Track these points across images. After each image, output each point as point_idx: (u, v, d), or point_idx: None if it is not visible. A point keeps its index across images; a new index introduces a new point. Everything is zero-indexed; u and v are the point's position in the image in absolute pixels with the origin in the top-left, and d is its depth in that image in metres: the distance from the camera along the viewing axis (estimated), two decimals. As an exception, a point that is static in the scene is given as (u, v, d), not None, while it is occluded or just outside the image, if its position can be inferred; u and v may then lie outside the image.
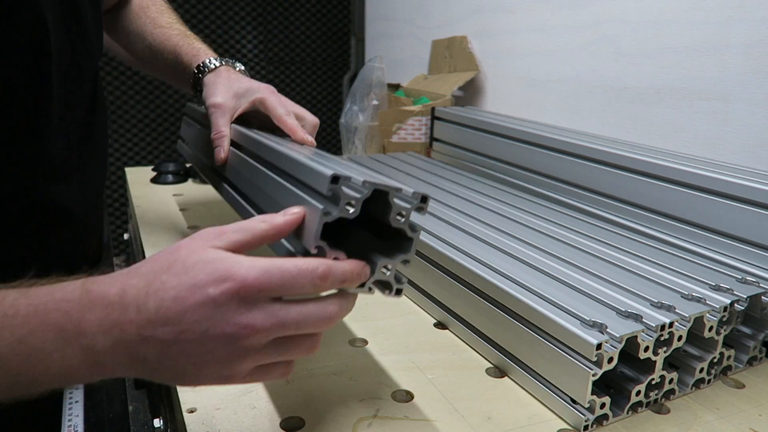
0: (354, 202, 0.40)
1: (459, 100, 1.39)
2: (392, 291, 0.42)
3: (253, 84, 0.68)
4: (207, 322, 0.35)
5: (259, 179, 0.55)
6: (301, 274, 0.36)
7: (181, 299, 0.35)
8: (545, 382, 0.50)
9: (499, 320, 0.55)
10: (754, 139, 0.78)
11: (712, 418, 0.50)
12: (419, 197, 0.42)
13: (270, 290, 0.36)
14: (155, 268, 0.37)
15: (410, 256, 0.42)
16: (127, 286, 0.36)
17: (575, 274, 0.58)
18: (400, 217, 0.41)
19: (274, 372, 0.39)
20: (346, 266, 0.38)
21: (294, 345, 0.38)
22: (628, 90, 0.97)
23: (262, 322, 0.36)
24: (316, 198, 0.42)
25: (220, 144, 0.64)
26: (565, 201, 0.88)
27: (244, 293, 0.35)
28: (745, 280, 0.58)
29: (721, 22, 0.81)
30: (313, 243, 0.39)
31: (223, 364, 0.36)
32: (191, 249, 0.37)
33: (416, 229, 0.42)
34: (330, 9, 2.27)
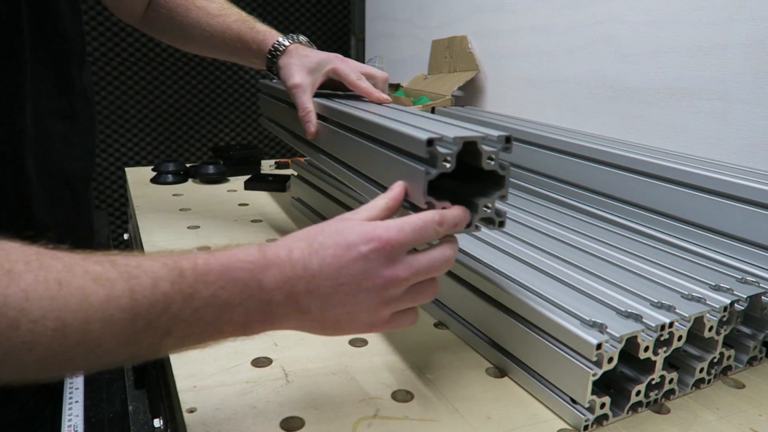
0: (450, 158, 0.46)
1: (459, 100, 1.39)
2: (495, 224, 0.49)
3: (322, 55, 0.73)
4: (360, 275, 0.42)
5: (354, 148, 0.62)
6: (426, 225, 0.44)
7: (338, 256, 0.42)
8: (545, 382, 0.50)
9: (499, 320, 0.55)
10: (754, 139, 0.78)
11: (712, 418, 0.50)
12: (503, 139, 0.48)
13: (407, 243, 0.43)
14: (312, 233, 0.43)
15: (505, 191, 0.48)
16: (293, 248, 0.42)
17: (575, 274, 0.58)
18: (490, 161, 0.47)
19: (405, 319, 0.46)
20: (454, 211, 0.46)
21: (422, 290, 0.46)
22: (628, 90, 0.97)
23: (403, 272, 0.43)
24: (416, 161, 0.48)
25: (309, 119, 0.70)
26: (565, 201, 0.88)
27: (389, 249, 0.42)
28: (745, 280, 0.58)
29: (721, 22, 0.81)
30: (423, 199, 0.47)
31: (371, 312, 0.43)
32: (337, 220, 0.44)
33: (505, 167, 0.48)
34: (330, 9, 2.27)
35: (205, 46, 0.83)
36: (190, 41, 0.84)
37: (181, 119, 2.12)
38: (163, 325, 0.38)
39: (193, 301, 0.39)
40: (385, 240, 0.42)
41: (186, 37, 0.84)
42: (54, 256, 0.36)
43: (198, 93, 2.14)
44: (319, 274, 0.42)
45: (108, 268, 0.37)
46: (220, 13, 0.81)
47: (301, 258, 0.42)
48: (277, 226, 0.94)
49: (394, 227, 0.43)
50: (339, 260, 0.42)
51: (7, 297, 0.33)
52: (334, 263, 0.42)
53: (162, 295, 0.37)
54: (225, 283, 0.40)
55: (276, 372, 0.53)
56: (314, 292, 0.42)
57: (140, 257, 0.39)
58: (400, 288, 0.43)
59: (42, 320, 0.34)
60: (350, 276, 0.42)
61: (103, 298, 0.36)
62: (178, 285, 0.38)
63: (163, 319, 0.38)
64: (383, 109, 0.64)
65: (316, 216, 0.94)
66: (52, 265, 0.36)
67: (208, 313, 0.39)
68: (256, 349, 0.57)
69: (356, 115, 0.61)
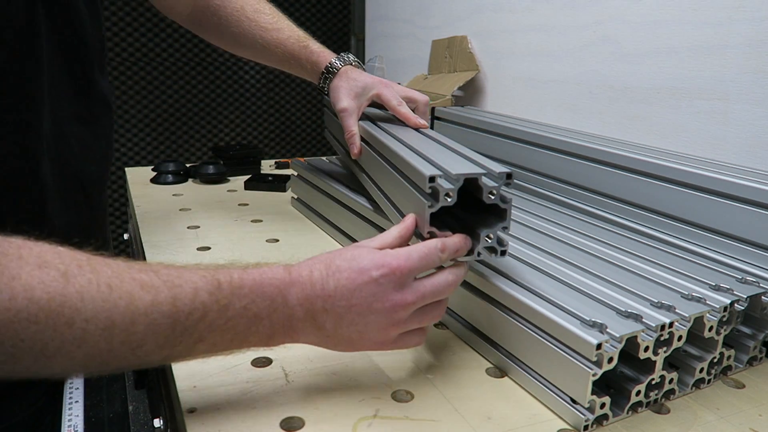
0: (451, 193, 0.50)
1: (459, 100, 1.39)
2: (497, 253, 0.52)
3: (368, 80, 0.79)
4: (371, 298, 0.46)
5: (382, 172, 0.68)
6: (430, 252, 0.48)
7: (352, 279, 0.46)
8: (545, 382, 0.50)
9: (499, 320, 0.55)
10: (754, 139, 0.78)
11: (712, 418, 0.49)
12: (504, 175, 0.52)
13: (414, 270, 0.47)
14: (330, 256, 0.48)
15: (507, 223, 0.52)
16: (313, 269, 0.46)
17: (575, 274, 0.58)
18: (491, 195, 0.51)
19: (413, 339, 0.50)
20: (455, 239, 0.50)
21: (429, 312, 0.49)
22: (628, 90, 0.97)
23: (410, 296, 0.47)
24: (421, 193, 0.53)
25: (353, 142, 0.76)
26: (565, 201, 0.88)
27: (398, 275, 0.46)
28: (745, 280, 0.58)
29: (721, 22, 0.81)
30: (426, 229, 0.51)
31: (380, 332, 0.47)
32: (354, 247, 0.49)
33: (507, 201, 0.52)
34: (330, 9, 2.27)
35: (257, 56, 0.88)
36: (240, 49, 0.88)
37: (181, 119, 2.12)
38: (198, 332, 0.42)
39: (227, 311, 0.42)
40: (394, 267, 0.46)
41: (237, 45, 0.88)
42: (104, 262, 0.40)
43: (198, 93, 2.14)
44: (335, 294, 0.46)
45: (152, 277, 0.41)
46: (273, 27, 0.84)
47: (320, 279, 0.46)
48: (277, 226, 0.94)
49: (402, 255, 0.47)
50: (352, 283, 0.46)
51: (65, 297, 0.36)
52: (348, 285, 0.46)
53: (200, 304, 0.41)
54: (256, 297, 0.44)
55: (276, 372, 0.54)
56: (329, 311, 0.46)
57: (180, 269, 0.43)
58: (407, 311, 0.47)
59: (93, 320, 0.37)
60: (362, 298, 0.46)
61: (148, 303, 0.39)
62: (215, 296, 0.42)
63: (199, 326, 0.41)
64: (414, 137, 0.69)
65: (316, 216, 0.94)
66: (103, 270, 0.39)
67: (240, 324, 0.43)
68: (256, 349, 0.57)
69: (384, 142, 0.67)
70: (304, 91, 2.33)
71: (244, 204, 1.06)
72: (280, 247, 0.85)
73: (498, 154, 1.04)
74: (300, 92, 2.32)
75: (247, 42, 0.86)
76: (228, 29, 0.86)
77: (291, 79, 2.30)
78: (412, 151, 0.62)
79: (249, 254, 0.81)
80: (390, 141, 0.68)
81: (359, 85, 0.78)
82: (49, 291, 0.36)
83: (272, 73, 2.25)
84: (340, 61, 0.81)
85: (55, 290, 0.36)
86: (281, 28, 0.85)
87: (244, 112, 2.23)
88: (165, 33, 2.04)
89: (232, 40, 0.87)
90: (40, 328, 0.36)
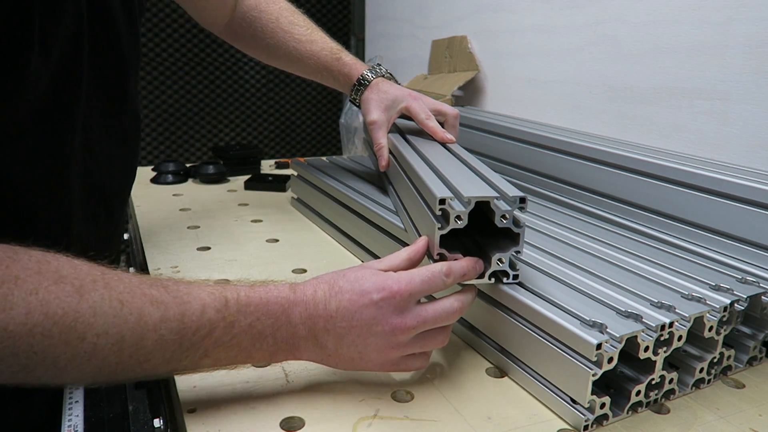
0: (462, 216, 0.49)
1: (459, 100, 1.39)
2: (509, 278, 0.52)
3: (398, 92, 0.80)
4: (371, 321, 0.46)
5: (404, 188, 0.69)
6: (434, 276, 0.48)
7: (353, 301, 0.46)
8: (545, 382, 0.50)
9: (499, 320, 0.55)
10: (754, 139, 0.78)
11: (712, 418, 0.49)
12: (518, 199, 0.50)
13: (415, 294, 0.47)
14: (335, 276, 0.48)
15: (519, 247, 0.51)
16: (317, 289, 0.47)
17: (575, 274, 0.58)
18: (503, 219, 0.49)
19: (415, 362, 0.50)
20: (463, 263, 0.50)
21: (431, 338, 0.49)
22: (628, 90, 0.97)
23: (411, 321, 0.47)
24: (433, 213, 0.52)
25: (381, 154, 0.78)
26: (565, 201, 0.88)
27: (398, 299, 0.46)
28: (745, 280, 0.58)
29: (721, 22, 0.81)
30: (435, 251, 0.51)
31: (380, 353, 0.47)
32: (359, 267, 0.49)
33: (520, 225, 0.51)
34: (330, 9, 2.27)
35: (291, 67, 0.89)
36: (274, 60, 0.90)
37: (181, 119, 2.12)
38: (204, 347, 0.43)
39: (233, 328, 0.44)
40: (395, 291, 0.46)
41: (271, 56, 0.89)
42: (117, 277, 0.41)
43: (198, 93, 2.14)
44: (336, 315, 0.46)
45: (162, 292, 0.42)
46: (307, 38, 0.86)
47: (323, 299, 0.47)
48: (277, 226, 0.94)
49: (404, 279, 0.47)
50: (353, 305, 0.46)
51: (78, 312, 0.38)
52: (349, 307, 0.46)
53: (208, 321, 0.43)
54: (261, 315, 0.45)
55: (276, 372, 0.54)
56: (331, 331, 0.46)
57: (190, 284, 0.44)
58: (408, 335, 0.47)
59: (104, 335, 0.39)
60: (362, 320, 0.46)
61: (158, 319, 0.41)
62: (222, 313, 0.43)
63: (205, 342, 0.43)
64: (437, 153, 0.69)
65: (316, 216, 0.94)
66: (116, 285, 0.40)
67: (244, 340, 0.44)
68: (256, 349, 0.57)
69: (407, 157, 0.68)
70: (304, 91, 2.33)
71: (244, 204, 1.06)
72: (280, 247, 0.85)
73: (498, 154, 1.04)
74: (300, 92, 2.32)
75: (282, 53, 0.87)
76: (263, 40, 0.87)
77: (291, 79, 2.29)
78: (431, 168, 0.61)
79: (249, 254, 0.81)
80: (412, 157, 0.68)
81: (389, 98, 0.79)
82: (63, 306, 0.37)
83: (272, 73, 2.25)
84: (372, 73, 0.82)
85: (69, 306, 0.38)
86: (315, 40, 0.86)
87: (244, 112, 2.23)
88: (165, 33, 2.03)
89: (266, 51, 0.89)
90: (54, 342, 0.37)
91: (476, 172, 0.60)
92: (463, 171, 0.60)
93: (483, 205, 0.50)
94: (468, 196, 0.49)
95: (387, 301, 0.46)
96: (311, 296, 0.47)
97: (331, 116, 2.40)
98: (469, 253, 0.52)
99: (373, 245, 0.77)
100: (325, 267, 0.78)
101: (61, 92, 0.54)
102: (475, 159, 0.66)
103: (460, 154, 0.69)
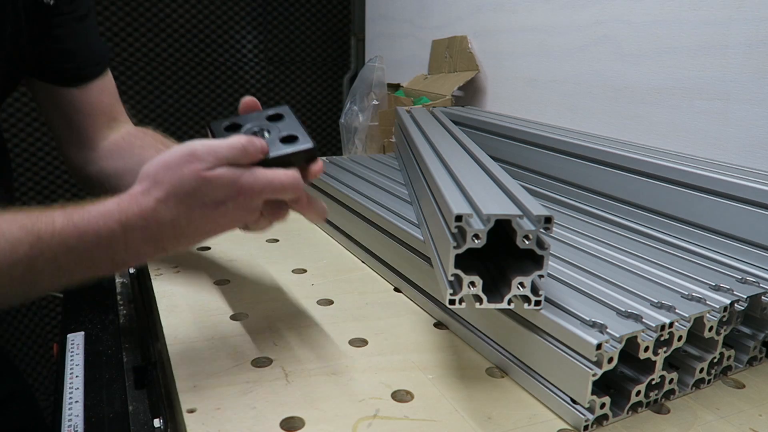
0: (480, 235, 0.45)
1: (459, 100, 1.39)
2: (531, 303, 0.47)
3: None
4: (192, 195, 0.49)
5: (423, 195, 0.66)
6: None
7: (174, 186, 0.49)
8: (545, 382, 0.50)
9: (499, 320, 0.55)
10: (754, 139, 0.78)
11: (712, 418, 0.49)
12: (543, 219, 0.45)
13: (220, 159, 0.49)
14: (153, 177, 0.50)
15: (543, 271, 0.46)
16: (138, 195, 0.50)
17: (575, 274, 0.58)
18: (525, 240, 0.45)
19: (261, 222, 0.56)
20: (260, 144, 0.51)
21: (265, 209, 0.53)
22: (628, 90, 0.97)
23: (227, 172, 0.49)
24: (449, 230, 0.48)
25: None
26: (564, 201, 0.88)
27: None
28: (745, 280, 0.58)
29: (721, 22, 0.81)
30: (450, 272, 0.46)
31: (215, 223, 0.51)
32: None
33: (545, 247, 0.46)
34: (330, 9, 2.27)
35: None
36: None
37: (181, 119, 2.12)
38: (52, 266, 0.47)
39: (57, 260, 0.47)
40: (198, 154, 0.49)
41: None
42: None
43: (198, 93, 2.14)
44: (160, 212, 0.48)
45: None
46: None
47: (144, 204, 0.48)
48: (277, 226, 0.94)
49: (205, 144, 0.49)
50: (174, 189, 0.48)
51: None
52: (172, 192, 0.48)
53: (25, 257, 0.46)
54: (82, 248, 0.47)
55: (276, 372, 0.53)
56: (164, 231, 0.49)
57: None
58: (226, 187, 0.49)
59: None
60: (184, 199, 0.48)
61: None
62: (37, 248, 0.46)
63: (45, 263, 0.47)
64: (462, 160, 0.66)
65: (316, 216, 0.94)
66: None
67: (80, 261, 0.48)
68: (256, 349, 0.57)
69: (429, 166, 0.65)
70: (304, 91, 2.33)
71: (244, 204, 1.06)
72: (280, 247, 0.85)
73: (498, 154, 1.04)
74: (300, 92, 2.32)
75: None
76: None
77: (291, 79, 2.29)
78: (452, 178, 0.57)
79: (249, 254, 0.81)
80: (433, 164, 0.65)
81: None
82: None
83: (272, 73, 2.25)
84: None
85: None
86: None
87: (244, 112, 2.23)
88: (165, 33, 2.04)
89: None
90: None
91: (500, 186, 0.56)
92: (486, 183, 0.56)
93: (505, 223, 0.46)
94: (488, 213, 0.45)
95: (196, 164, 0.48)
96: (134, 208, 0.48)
97: (331, 116, 2.40)
98: (489, 274, 0.48)
99: (373, 245, 0.77)
100: (325, 267, 0.78)
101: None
102: (499, 169, 0.62)
103: (484, 162, 0.65)
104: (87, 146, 0.77)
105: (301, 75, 2.33)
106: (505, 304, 0.47)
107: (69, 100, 0.75)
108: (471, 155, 0.72)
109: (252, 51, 2.23)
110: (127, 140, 0.78)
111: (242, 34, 2.20)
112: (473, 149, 0.75)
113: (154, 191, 0.48)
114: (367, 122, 1.39)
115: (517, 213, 0.46)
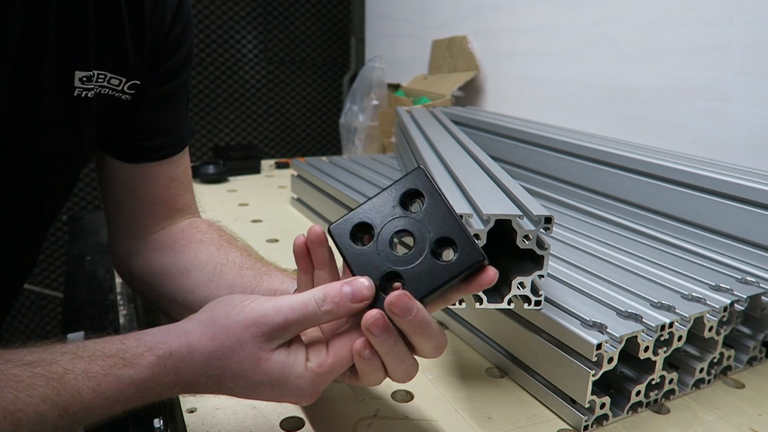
0: (480, 235, 0.45)
1: (459, 100, 1.39)
2: (531, 303, 0.48)
3: None
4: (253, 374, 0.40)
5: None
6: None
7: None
8: (545, 382, 0.50)
9: (499, 320, 0.55)
10: (754, 139, 0.78)
11: (712, 418, 0.49)
12: (543, 218, 0.45)
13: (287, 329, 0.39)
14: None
15: (544, 271, 0.46)
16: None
17: (575, 274, 0.58)
18: (525, 240, 0.46)
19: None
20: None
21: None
22: (628, 90, 0.97)
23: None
24: None
25: None
26: (565, 201, 0.88)
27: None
28: (745, 280, 0.58)
29: (721, 22, 0.81)
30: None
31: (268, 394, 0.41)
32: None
33: (545, 247, 0.46)
34: (330, 9, 2.27)
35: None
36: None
37: (181, 119, 2.12)
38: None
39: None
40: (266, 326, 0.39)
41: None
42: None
43: (198, 93, 2.14)
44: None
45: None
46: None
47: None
48: (277, 226, 0.94)
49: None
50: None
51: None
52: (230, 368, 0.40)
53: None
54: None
55: (276, 372, 0.53)
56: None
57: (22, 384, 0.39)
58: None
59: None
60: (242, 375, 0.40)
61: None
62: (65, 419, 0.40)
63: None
64: (463, 161, 0.66)
65: (316, 216, 0.94)
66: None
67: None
68: (256, 349, 0.57)
69: (429, 165, 0.64)
70: (304, 91, 2.33)
71: (244, 204, 1.06)
72: (280, 247, 0.85)
73: (498, 154, 1.04)
74: (300, 92, 2.33)
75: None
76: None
77: (291, 79, 2.30)
78: (452, 178, 0.57)
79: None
80: (433, 164, 0.64)
81: None
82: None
83: (272, 73, 2.25)
84: None
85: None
86: None
87: (244, 112, 2.23)
88: (165, 33, 2.03)
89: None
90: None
91: (500, 186, 0.56)
92: (486, 183, 0.57)
93: (505, 223, 0.46)
94: (488, 213, 0.46)
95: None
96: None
97: (331, 116, 2.40)
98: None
99: (373, 245, 0.77)
100: (325, 267, 0.78)
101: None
102: (499, 169, 0.62)
103: (485, 162, 0.65)
104: (136, 235, 0.64)
105: (301, 75, 2.33)
106: (505, 305, 0.47)
107: (123, 179, 0.62)
108: (471, 155, 0.72)
109: (252, 51, 2.23)
110: (186, 232, 0.63)
111: (242, 34, 2.20)
112: (473, 149, 0.75)
113: (203, 366, 0.40)
114: (367, 122, 1.39)
115: (517, 213, 0.46)
